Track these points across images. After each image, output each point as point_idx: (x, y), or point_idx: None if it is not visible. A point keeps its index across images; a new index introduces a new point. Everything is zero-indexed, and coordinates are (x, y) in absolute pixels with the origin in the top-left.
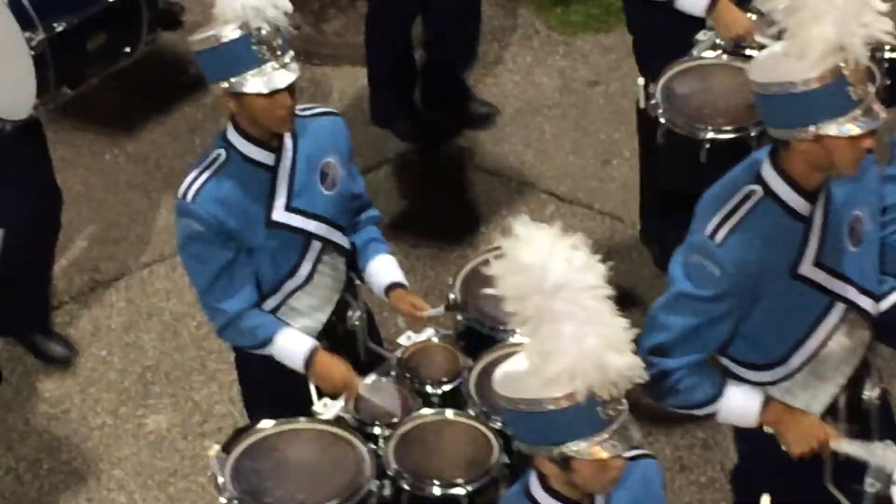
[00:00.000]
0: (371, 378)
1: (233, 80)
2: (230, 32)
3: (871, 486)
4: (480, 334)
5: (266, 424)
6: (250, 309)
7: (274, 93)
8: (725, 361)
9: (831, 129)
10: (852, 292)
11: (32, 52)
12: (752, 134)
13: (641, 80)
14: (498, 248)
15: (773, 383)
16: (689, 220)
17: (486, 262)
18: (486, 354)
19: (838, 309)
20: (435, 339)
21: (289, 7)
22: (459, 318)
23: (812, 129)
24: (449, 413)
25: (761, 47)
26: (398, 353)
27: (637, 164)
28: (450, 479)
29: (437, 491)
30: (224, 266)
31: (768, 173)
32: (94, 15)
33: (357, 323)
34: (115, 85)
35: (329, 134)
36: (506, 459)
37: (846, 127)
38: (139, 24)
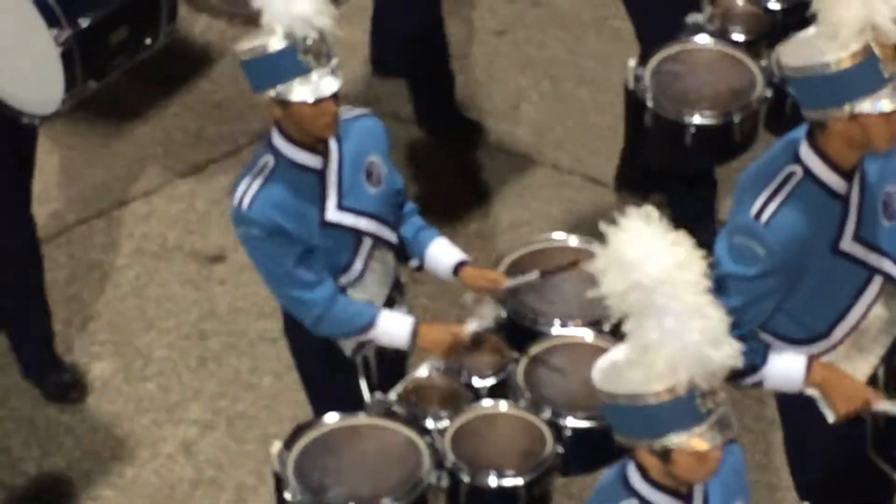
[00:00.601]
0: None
1: (279, 88)
2: (277, 42)
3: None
4: (521, 326)
5: (325, 420)
6: (338, 296)
7: (319, 100)
8: (768, 337)
9: (865, 106)
10: (888, 265)
11: (60, 49)
12: (736, 120)
13: (632, 62)
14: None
15: (815, 357)
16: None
17: (525, 256)
18: (533, 346)
19: (876, 282)
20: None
21: (334, 14)
22: (502, 310)
23: (847, 107)
24: (502, 405)
25: (744, 32)
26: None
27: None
28: (507, 469)
29: (494, 482)
30: (299, 258)
31: (806, 154)
32: (116, 9)
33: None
34: None
35: (370, 134)
36: (560, 449)
37: (880, 103)
38: (158, 15)
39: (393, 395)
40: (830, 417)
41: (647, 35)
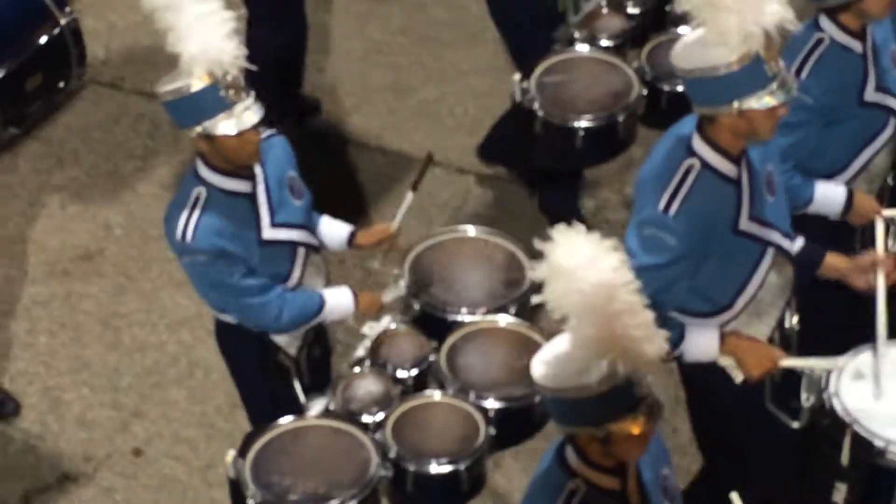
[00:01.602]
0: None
1: (205, 124)
2: (198, 82)
3: (806, 400)
4: (433, 317)
5: (273, 426)
6: (286, 292)
7: (242, 132)
8: (677, 315)
9: (752, 103)
10: (777, 236)
11: None
12: (620, 119)
13: (517, 76)
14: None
15: (720, 326)
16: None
17: (430, 249)
18: (451, 336)
19: (769, 253)
20: (394, 326)
21: (245, 52)
22: (415, 304)
23: (735, 104)
24: (435, 394)
25: (609, 37)
26: (365, 344)
27: None
28: (447, 455)
29: (436, 468)
30: (245, 272)
31: (700, 146)
32: (29, 58)
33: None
34: None
35: (284, 152)
36: (492, 431)
37: (765, 100)
38: (69, 59)
39: (327, 394)
40: (738, 378)
41: (521, 51)
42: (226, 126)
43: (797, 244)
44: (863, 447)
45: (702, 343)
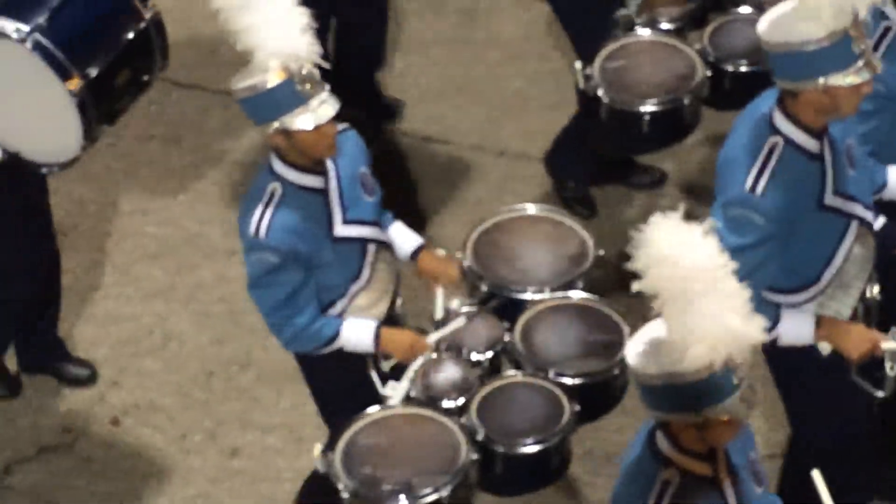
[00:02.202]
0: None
1: (283, 119)
2: (274, 77)
3: (891, 369)
4: (500, 297)
5: (358, 417)
6: (311, 321)
7: (319, 125)
8: (767, 294)
9: (837, 80)
10: (860, 209)
11: (75, 100)
12: (686, 102)
13: (579, 64)
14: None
15: (808, 301)
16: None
17: (490, 230)
18: (523, 315)
19: (853, 226)
20: (466, 308)
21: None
22: (483, 286)
23: (821, 80)
24: (515, 375)
25: (671, 20)
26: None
27: None
28: (535, 435)
29: (527, 448)
30: (296, 288)
31: (782, 123)
32: (119, 54)
33: (400, 308)
34: None
35: (357, 147)
36: (577, 408)
37: (850, 78)
38: (153, 53)
39: (405, 383)
40: (825, 351)
41: (582, 38)
42: (303, 120)
43: (879, 221)
44: None
45: (797, 327)
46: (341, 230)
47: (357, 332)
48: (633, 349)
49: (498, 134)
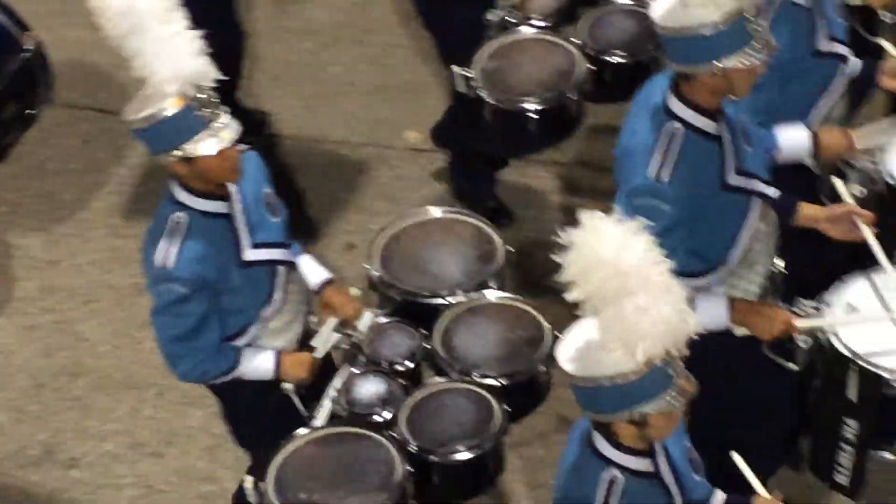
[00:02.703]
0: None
1: (184, 147)
2: (172, 106)
3: (804, 342)
4: (415, 305)
5: (285, 443)
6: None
7: (223, 150)
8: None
9: (734, 62)
10: (761, 186)
11: None
12: (571, 97)
13: (456, 68)
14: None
15: (717, 282)
16: None
17: (396, 237)
18: (440, 320)
19: (756, 203)
20: (382, 320)
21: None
22: (395, 295)
23: (717, 63)
24: (442, 382)
25: (542, 17)
26: (355, 343)
27: None
28: (470, 439)
29: (462, 455)
30: (199, 319)
31: (679, 108)
32: (4, 88)
33: (315, 323)
34: None
35: (257, 168)
36: (507, 409)
37: (746, 59)
38: (37, 86)
39: (328, 402)
40: (738, 332)
41: (447, 41)
42: (206, 146)
43: (775, 193)
44: (870, 381)
45: (712, 312)
46: (250, 254)
47: (257, 362)
48: (566, 353)
49: (317, 121)
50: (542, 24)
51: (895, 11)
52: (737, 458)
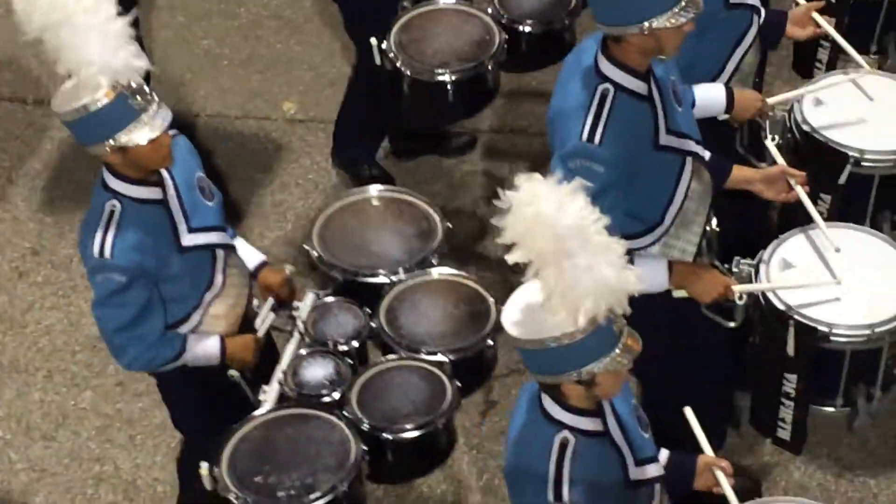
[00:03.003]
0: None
1: (118, 136)
2: (103, 96)
3: (739, 299)
4: (357, 284)
5: (236, 428)
6: (160, 337)
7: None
8: None
9: (661, 21)
10: (692, 145)
11: None
12: (490, 67)
13: (374, 40)
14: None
15: (654, 242)
16: None
17: (333, 216)
18: (384, 299)
19: (689, 163)
20: (328, 300)
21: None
22: (337, 275)
23: (646, 24)
24: (391, 360)
25: None
26: (300, 325)
27: None
28: (422, 416)
29: (414, 432)
30: (142, 307)
31: (609, 70)
32: None
33: (257, 306)
34: None
35: (187, 152)
36: (457, 384)
37: (673, 19)
38: None
39: (275, 384)
40: (676, 294)
41: (356, 14)
42: (140, 135)
43: (707, 154)
44: (807, 334)
45: (651, 275)
46: (187, 239)
47: (202, 347)
48: (510, 317)
49: (194, 95)
50: None
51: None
52: (689, 414)
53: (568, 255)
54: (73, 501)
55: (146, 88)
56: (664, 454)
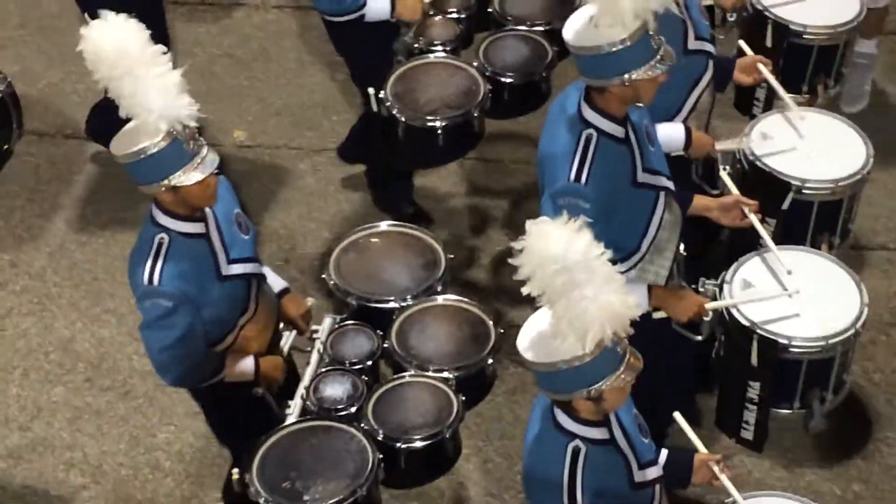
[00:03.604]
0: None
1: (172, 177)
2: (161, 140)
3: (707, 316)
4: (370, 309)
5: (265, 438)
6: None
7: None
8: None
9: (640, 74)
10: (664, 180)
11: None
12: (475, 114)
13: (371, 90)
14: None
15: (630, 269)
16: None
17: (348, 249)
18: (395, 322)
19: (662, 196)
20: (345, 324)
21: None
22: (352, 301)
23: (626, 76)
24: (402, 377)
25: (443, 43)
26: (319, 346)
27: None
28: (431, 427)
29: (425, 441)
30: (185, 330)
31: (592, 117)
32: None
33: (283, 330)
34: None
35: (226, 190)
36: (462, 398)
37: (651, 71)
38: (11, 122)
39: (299, 399)
40: (656, 315)
41: (362, 67)
42: (192, 176)
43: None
44: (769, 346)
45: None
46: (227, 269)
47: (239, 366)
48: (526, 343)
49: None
50: (443, 49)
51: (739, 13)
52: (679, 419)
53: (576, 286)
54: (47, 484)
55: (197, 134)
56: (663, 454)
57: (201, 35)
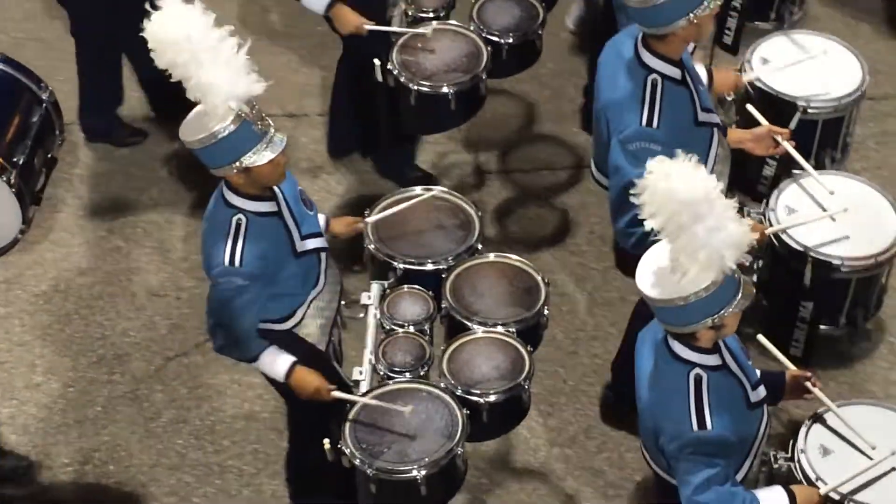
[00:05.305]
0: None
1: (245, 159)
2: (230, 124)
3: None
4: (416, 272)
5: (350, 409)
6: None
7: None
8: None
9: (702, 9)
10: (716, 117)
11: (13, 190)
12: (483, 77)
13: (377, 61)
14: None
15: None
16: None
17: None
18: (447, 281)
19: (716, 133)
20: (392, 289)
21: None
22: (399, 265)
23: (692, 16)
24: (477, 331)
25: (434, 10)
26: (374, 312)
27: None
28: (510, 380)
29: (507, 395)
30: (245, 306)
31: (652, 61)
32: (33, 138)
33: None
34: None
35: (288, 171)
36: (532, 350)
37: (712, 4)
38: (55, 131)
39: (367, 366)
40: None
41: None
42: (265, 156)
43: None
44: (822, 267)
45: None
46: (302, 245)
47: (274, 362)
48: (648, 284)
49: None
50: (434, 15)
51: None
52: (764, 341)
53: (700, 219)
54: None
55: (264, 114)
56: (757, 373)
57: None
